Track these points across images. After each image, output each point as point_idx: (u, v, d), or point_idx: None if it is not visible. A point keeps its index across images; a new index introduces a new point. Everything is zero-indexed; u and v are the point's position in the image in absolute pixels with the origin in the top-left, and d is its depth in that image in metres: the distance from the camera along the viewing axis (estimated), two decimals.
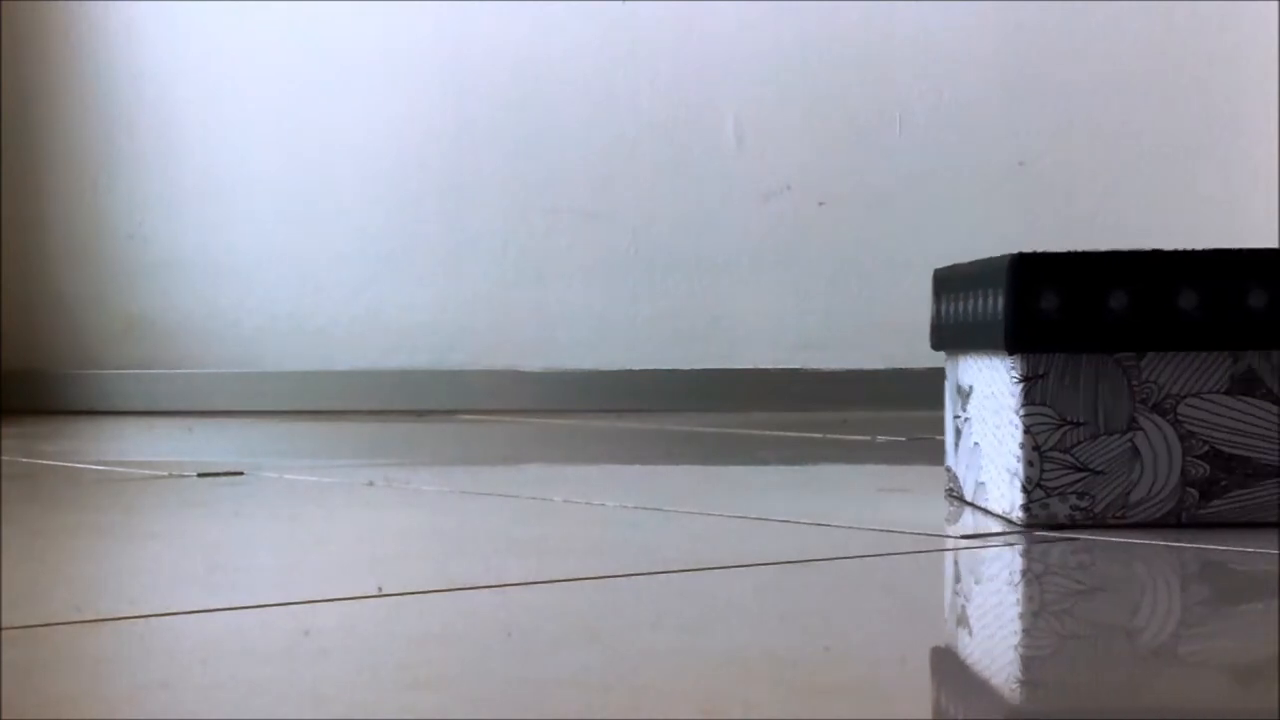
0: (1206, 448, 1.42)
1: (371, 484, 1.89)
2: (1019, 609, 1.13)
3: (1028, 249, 1.43)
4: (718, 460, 2.36)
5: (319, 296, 3.64)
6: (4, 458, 2.30)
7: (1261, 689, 0.86)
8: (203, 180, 3.68)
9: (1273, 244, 3.30)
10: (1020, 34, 3.46)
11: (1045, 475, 1.42)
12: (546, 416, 3.26)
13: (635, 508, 1.63)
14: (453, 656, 0.96)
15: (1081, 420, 1.42)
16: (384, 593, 1.14)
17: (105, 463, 2.26)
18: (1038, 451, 1.42)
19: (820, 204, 3.50)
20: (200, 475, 1.96)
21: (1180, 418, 1.42)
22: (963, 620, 1.09)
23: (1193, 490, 1.42)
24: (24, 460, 2.27)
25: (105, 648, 0.99)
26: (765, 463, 2.28)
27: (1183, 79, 3.43)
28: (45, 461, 2.26)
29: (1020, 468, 1.42)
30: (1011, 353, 1.42)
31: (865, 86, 3.50)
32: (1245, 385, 1.42)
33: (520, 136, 3.58)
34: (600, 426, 2.98)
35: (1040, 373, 1.42)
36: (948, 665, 0.95)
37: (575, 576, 1.23)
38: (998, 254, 1.45)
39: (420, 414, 3.43)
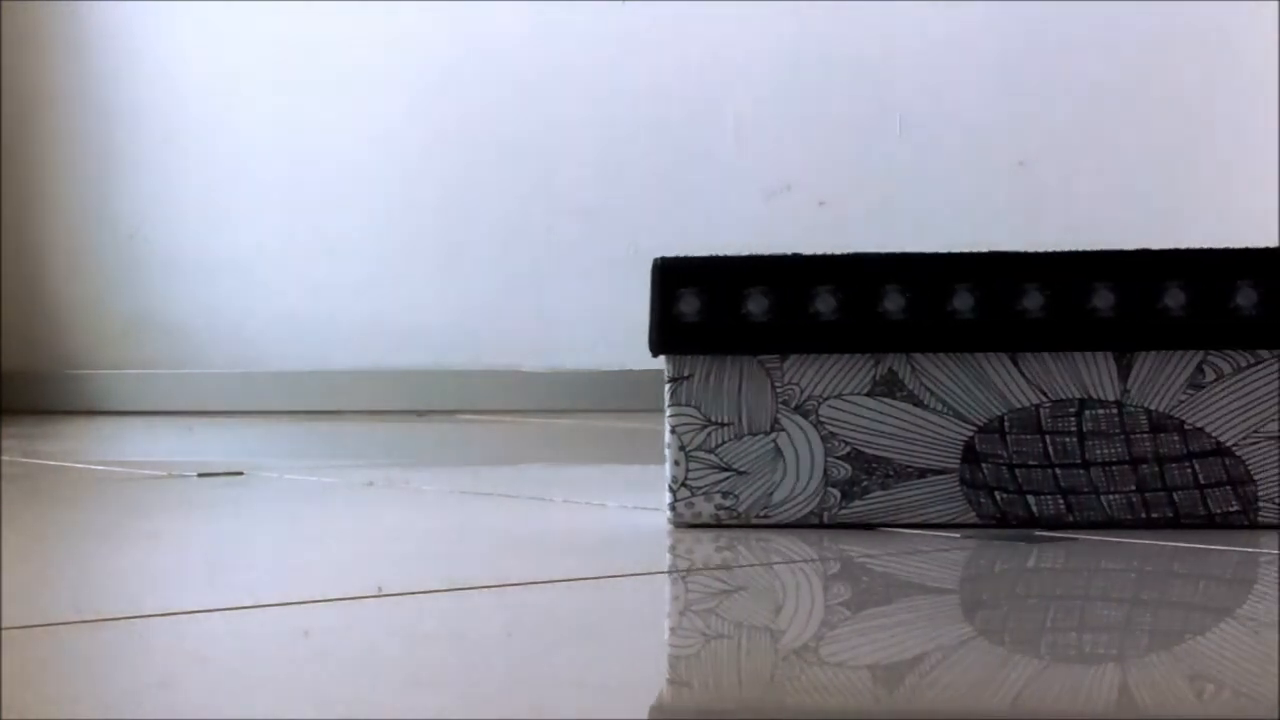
0: (848, 449, 1.43)
1: (371, 484, 1.89)
2: (666, 609, 1.14)
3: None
4: None
5: (319, 296, 3.64)
6: (4, 458, 2.29)
7: (898, 688, 0.87)
8: (203, 180, 3.68)
9: (1273, 244, 3.29)
10: (1020, 34, 3.46)
11: (691, 475, 1.44)
12: (546, 416, 3.26)
13: (635, 508, 1.63)
14: (453, 656, 0.96)
15: (726, 421, 1.44)
16: (384, 593, 1.14)
17: (105, 463, 2.26)
18: (683, 451, 1.44)
19: (820, 204, 3.51)
20: (200, 475, 1.96)
21: (822, 419, 1.43)
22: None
23: (835, 491, 1.43)
24: (24, 460, 2.27)
25: (105, 648, 0.99)
26: None
27: (1183, 79, 3.43)
28: (45, 461, 2.26)
29: (668, 467, 1.44)
30: (655, 354, 1.44)
31: (865, 86, 3.50)
32: (886, 387, 1.43)
33: (520, 136, 3.58)
34: (600, 426, 2.98)
35: (686, 374, 1.44)
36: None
37: (575, 576, 1.23)
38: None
39: (420, 414, 3.42)
